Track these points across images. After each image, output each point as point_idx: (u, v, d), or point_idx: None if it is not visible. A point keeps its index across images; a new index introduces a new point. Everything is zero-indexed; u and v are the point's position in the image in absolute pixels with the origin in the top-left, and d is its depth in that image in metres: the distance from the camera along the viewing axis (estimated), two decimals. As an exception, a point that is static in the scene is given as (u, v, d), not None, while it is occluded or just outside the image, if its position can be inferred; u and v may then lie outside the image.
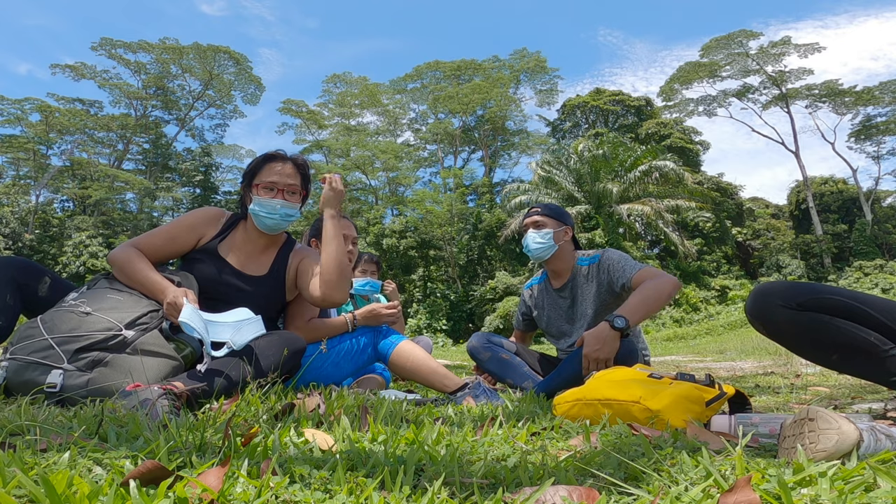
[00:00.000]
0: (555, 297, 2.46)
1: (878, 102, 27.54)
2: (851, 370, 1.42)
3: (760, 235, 28.96)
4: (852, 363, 1.37)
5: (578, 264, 2.39)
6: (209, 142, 35.78)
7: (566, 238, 2.40)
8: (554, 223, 2.38)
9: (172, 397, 1.18)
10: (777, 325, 1.41)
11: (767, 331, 1.44)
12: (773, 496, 0.65)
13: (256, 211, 1.80)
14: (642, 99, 33.34)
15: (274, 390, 1.57)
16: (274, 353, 1.58)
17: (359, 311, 2.07)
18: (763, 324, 1.43)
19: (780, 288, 1.41)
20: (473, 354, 2.46)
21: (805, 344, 1.43)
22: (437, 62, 33.73)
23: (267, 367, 1.54)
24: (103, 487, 0.62)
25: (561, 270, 2.42)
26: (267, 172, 1.82)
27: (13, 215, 25.88)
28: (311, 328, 1.97)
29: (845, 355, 1.35)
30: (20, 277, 1.61)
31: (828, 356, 1.40)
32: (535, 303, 2.58)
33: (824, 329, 1.34)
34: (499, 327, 20.70)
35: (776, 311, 1.39)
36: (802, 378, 2.93)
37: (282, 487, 0.67)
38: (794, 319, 1.37)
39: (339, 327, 2.02)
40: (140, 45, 31.87)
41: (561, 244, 2.38)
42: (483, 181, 31.12)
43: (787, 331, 1.41)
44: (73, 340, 1.42)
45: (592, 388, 1.44)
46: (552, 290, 2.47)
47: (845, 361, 1.38)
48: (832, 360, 1.40)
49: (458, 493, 0.72)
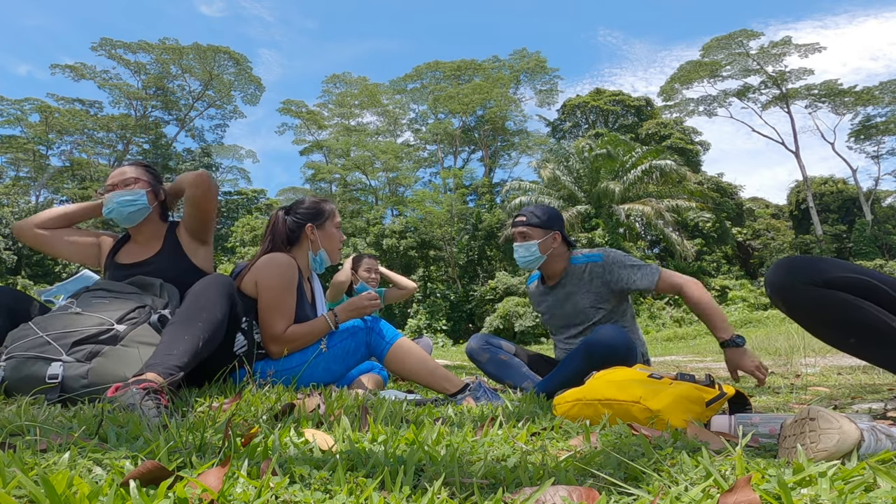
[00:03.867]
0: (549, 294, 2.48)
1: (877, 102, 27.54)
2: (867, 355, 1.36)
3: (760, 235, 28.97)
4: (870, 348, 1.32)
5: (573, 263, 2.38)
6: (209, 142, 35.77)
7: (554, 245, 2.37)
8: (540, 233, 2.35)
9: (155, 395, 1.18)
10: (799, 301, 1.34)
11: (787, 306, 1.37)
12: (773, 496, 0.65)
13: (108, 211, 1.96)
14: (642, 99, 33.35)
15: (274, 390, 1.57)
16: (208, 301, 1.58)
17: (339, 307, 1.95)
18: (783, 300, 1.36)
19: (805, 263, 1.34)
20: (472, 356, 2.46)
21: (824, 324, 1.36)
22: (436, 62, 33.72)
23: (213, 317, 1.54)
24: (103, 488, 0.62)
25: (553, 272, 2.43)
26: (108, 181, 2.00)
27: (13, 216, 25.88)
28: (290, 337, 1.87)
29: (864, 339, 1.30)
30: (11, 303, 1.68)
31: (845, 338, 1.33)
32: (536, 299, 2.59)
33: (848, 310, 1.28)
34: (499, 328, 20.69)
35: (800, 289, 1.31)
36: (802, 378, 2.94)
37: (282, 488, 0.67)
38: (818, 297, 1.30)
39: (319, 328, 1.90)
40: (140, 46, 31.86)
41: (549, 252, 2.37)
42: (483, 181, 31.11)
43: (809, 309, 1.34)
44: (68, 335, 1.47)
45: (592, 389, 1.44)
46: (546, 287, 2.49)
47: (862, 345, 1.32)
48: (849, 343, 1.34)
49: (458, 493, 0.72)
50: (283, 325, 1.87)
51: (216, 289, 1.61)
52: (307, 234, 2.07)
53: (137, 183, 1.95)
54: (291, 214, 2.09)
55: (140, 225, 1.99)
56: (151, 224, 2.01)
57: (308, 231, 2.07)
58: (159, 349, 1.42)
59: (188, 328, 1.47)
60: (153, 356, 1.40)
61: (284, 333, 1.87)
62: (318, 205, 2.14)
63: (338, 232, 2.16)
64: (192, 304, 1.56)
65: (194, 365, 1.44)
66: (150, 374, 1.28)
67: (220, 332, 1.55)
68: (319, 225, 2.10)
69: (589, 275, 2.32)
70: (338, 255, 2.17)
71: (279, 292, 1.87)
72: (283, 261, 1.93)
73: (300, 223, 2.07)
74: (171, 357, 1.36)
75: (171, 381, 1.28)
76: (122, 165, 2.04)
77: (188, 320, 1.49)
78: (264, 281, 1.88)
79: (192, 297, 1.58)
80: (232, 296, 1.66)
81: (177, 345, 1.41)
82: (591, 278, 2.32)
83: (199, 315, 1.51)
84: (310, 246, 2.09)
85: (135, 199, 1.94)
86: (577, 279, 2.36)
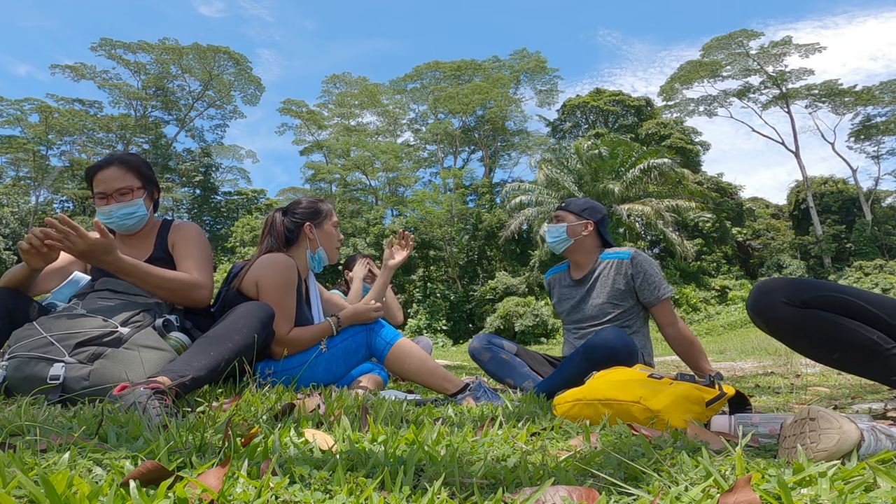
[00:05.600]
0: (571, 286, 2.49)
1: (877, 102, 27.56)
2: (852, 368, 1.41)
3: (760, 235, 28.97)
4: (853, 362, 1.36)
5: (602, 258, 2.42)
6: (209, 142, 35.77)
7: (584, 232, 2.42)
8: (573, 217, 2.44)
9: (161, 395, 1.18)
10: (779, 322, 1.39)
11: (769, 328, 1.43)
12: (773, 496, 0.65)
13: (107, 221, 1.82)
14: (642, 99, 33.35)
15: (274, 390, 1.57)
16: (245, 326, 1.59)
17: (343, 313, 1.99)
18: (765, 321, 1.42)
19: (782, 285, 1.39)
20: (474, 355, 2.47)
21: (806, 341, 1.41)
22: (436, 62, 33.73)
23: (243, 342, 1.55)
24: (103, 488, 0.62)
25: (581, 262, 2.47)
26: (95, 184, 1.85)
27: (13, 216, 25.89)
28: (293, 339, 1.88)
29: (847, 354, 1.34)
30: (11, 303, 1.67)
31: (829, 354, 1.38)
32: (558, 291, 2.60)
33: (827, 327, 1.33)
34: (499, 328, 20.70)
35: (779, 309, 1.37)
36: (802, 378, 2.93)
37: (282, 488, 0.67)
38: (797, 317, 1.35)
39: (322, 333, 1.92)
40: (140, 46, 31.87)
41: (578, 238, 2.42)
42: (483, 181, 31.12)
43: (789, 328, 1.40)
44: (71, 336, 1.47)
45: (592, 388, 1.44)
46: (571, 279, 2.51)
47: (846, 360, 1.37)
48: (833, 359, 1.38)
49: (458, 493, 0.71)
50: (286, 326, 1.87)
51: (256, 316, 1.64)
52: (306, 232, 2.07)
53: (133, 192, 1.84)
54: (289, 215, 2.10)
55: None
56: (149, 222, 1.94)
57: (307, 230, 2.07)
58: (182, 357, 1.44)
59: (217, 346, 1.48)
60: (173, 363, 1.41)
61: (288, 336, 1.87)
62: (316, 204, 2.15)
63: (336, 231, 2.17)
64: (230, 324, 1.58)
65: (209, 381, 1.45)
66: (161, 377, 1.29)
67: (246, 355, 1.56)
68: (318, 224, 2.10)
69: (615, 271, 2.35)
70: (336, 254, 2.18)
71: (281, 293, 1.87)
72: (284, 261, 1.93)
73: (298, 223, 2.08)
74: (188, 368, 1.37)
75: (177, 384, 1.29)
76: (110, 163, 1.86)
77: (220, 338, 1.52)
78: (265, 281, 1.88)
79: (233, 318, 1.61)
80: (269, 325, 1.70)
81: (200, 358, 1.42)
82: (616, 275, 2.34)
83: (231, 336, 1.53)
84: (308, 245, 2.09)
85: (134, 212, 1.86)
86: (604, 275, 2.38)
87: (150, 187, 1.93)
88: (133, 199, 1.84)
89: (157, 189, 1.97)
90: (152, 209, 1.95)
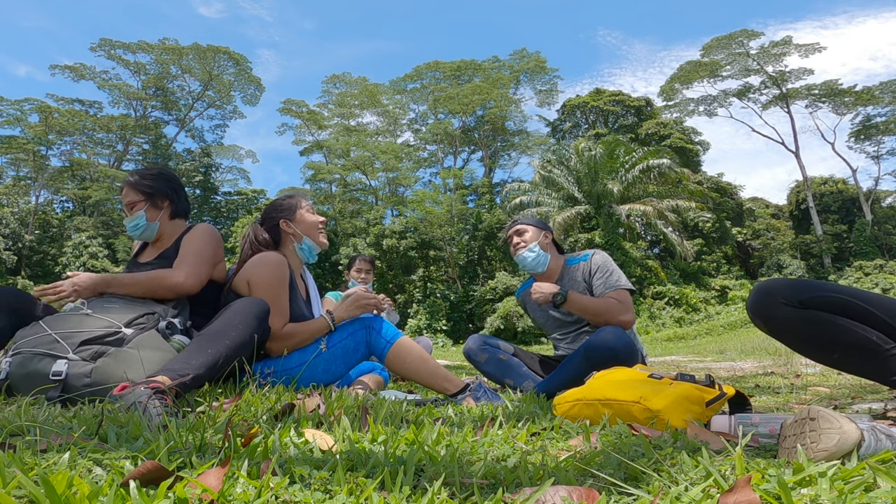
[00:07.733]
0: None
1: (877, 102, 27.55)
2: (852, 369, 1.41)
3: (760, 235, 28.97)
4: (853, 362, 1.37)
5: (567, 264, 2.43)
6: (209, 142, 35.80)
7: (548, 243, 2.46)
8: (536, 231, 2.46)
9: (161, 395, 1.18)
10: (778, 322, 1.40)
11: (768, 328, 1.43)
12: (773, 496, 0.65)
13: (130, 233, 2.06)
14: (642, 99, 33.35)
15: (274, 390, 1.57)
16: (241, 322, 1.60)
17: (336, 307, 1.95)
18: (764, 321, 1.42)
19: (782, 285, 1.40)
20: (470, 357, 2.44)
21: (806, 342, 1.41)
22: (436, 62, 33.71)
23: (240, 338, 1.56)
24: (103, 488, 0.62)
25: (551, 273, 2.45)
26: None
27: (13, 216, 25.89)
28: (287, 335, 1.87)
29: (846, 354, 1.34)
30: (14, 302, 1.70)
31: (828, 354, 1.39)
32: (527, 308, 2.61)
33: (826, 327, 1.33)
34: (500, 328, 20.68)
35: (778, 309, 1.37)
36: (802, 378, 2.93)
37: (282, 488, 0.67)
38: (796, 317, 1.36)
39: (317, 329, 1.91)
40: (140, 46, 31.87)
41: (548, 250, 2.45)
42: (483, 181, 31.11)
43: (789, 329, 1.40)
44: (75, 335, 1.50)
45: (592, 388, 1.44)
46: None
47: (846, 360, 1.37)
48: (833, 359, 1.39)
49: (458, 493, 0.71)
50: (279, 323, 1.88)
51: (251, 311, 1.65)
52: (283, 228, 2.09)
53: (135, 206, 1.98)
54: (265, 223, 2.12)
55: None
56: (166, 227, 2.03)
57: (283, 226, 2.09)
58: (180, 356, 1.45)
59: (214, 343, 1.49)
60: (171, 362, 1.42)
61: (282, 331, 1.87)
62: (284, 201, 2.16)
63: (312, 215, 2.15)
64: (226, 321, 1.59)
65: (209, 379, 1.46)
66: (160, 376, 1.30)
67: (244, 352, 1.57)
68: (291, 217, 2.11)
69: (581, 274, 2.37)
70: (321, 237, 2.15)
71: (272, 289, 1.88)
72: (274, 259, 1.94)
73: (274, 224, 2.10)
74: (187, 366, 1.38)
75: (178, 383, 1.29)
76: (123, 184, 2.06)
77: (217, 335, 1.52)
78: (256, 278, 1.89)
79: (228, 315, 1.62)
80: (265, 321, 1.70)
81: (197, 356, 1.43)
82: (581, 278, 2.36)
83: (227, 333, 1.54)
84: (293, 239, 2.10)
85: (137, 223, 1.99)
86: (572, 280, 2.38)
87: (156, 199, 2.00)
88: (135, 213, 1.98)
89: (168, 198, 2.02)
90: (162, 217, 2.01)
